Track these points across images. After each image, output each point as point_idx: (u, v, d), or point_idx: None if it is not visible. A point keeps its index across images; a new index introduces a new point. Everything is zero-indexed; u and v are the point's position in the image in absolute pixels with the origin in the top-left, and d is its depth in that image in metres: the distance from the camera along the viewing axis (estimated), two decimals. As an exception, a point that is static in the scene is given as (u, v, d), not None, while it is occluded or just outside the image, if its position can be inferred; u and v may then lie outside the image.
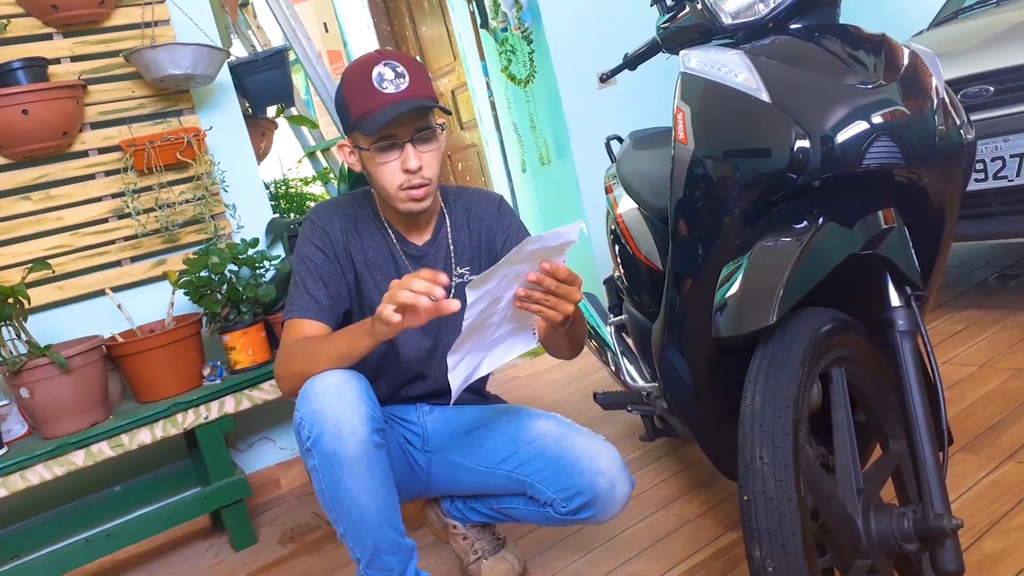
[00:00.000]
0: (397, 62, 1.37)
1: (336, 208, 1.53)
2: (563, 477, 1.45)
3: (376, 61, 1.36)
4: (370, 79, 1.35)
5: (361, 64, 1.38)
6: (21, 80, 2.10)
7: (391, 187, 1.41)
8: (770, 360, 1.09)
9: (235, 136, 2.55)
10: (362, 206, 1.54)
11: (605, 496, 1.43)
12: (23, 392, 1.96)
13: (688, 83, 1.32)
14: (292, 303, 1.46)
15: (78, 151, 2.29)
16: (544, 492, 1.47)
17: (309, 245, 1.49)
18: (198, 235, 2.43)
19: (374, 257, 1.51)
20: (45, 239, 2.25)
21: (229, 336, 2.21)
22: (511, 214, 1.61)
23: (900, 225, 1.20)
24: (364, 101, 1.36)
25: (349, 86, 1.40)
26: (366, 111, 1.35)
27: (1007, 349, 2.25)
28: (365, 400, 1.32)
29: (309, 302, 1.45)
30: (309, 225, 1.51)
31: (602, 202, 2.17)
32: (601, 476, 1.43)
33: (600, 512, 1.45)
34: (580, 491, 1.44)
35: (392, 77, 1.36)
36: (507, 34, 3.41)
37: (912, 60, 1.23)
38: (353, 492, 1.31)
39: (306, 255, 1.48)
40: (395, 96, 1.35)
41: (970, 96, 2.28)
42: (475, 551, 1.69)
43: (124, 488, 2.25)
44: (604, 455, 1.46)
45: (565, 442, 1.48)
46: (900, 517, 1.10)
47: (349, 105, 1.39)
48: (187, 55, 2.22)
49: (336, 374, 1.33)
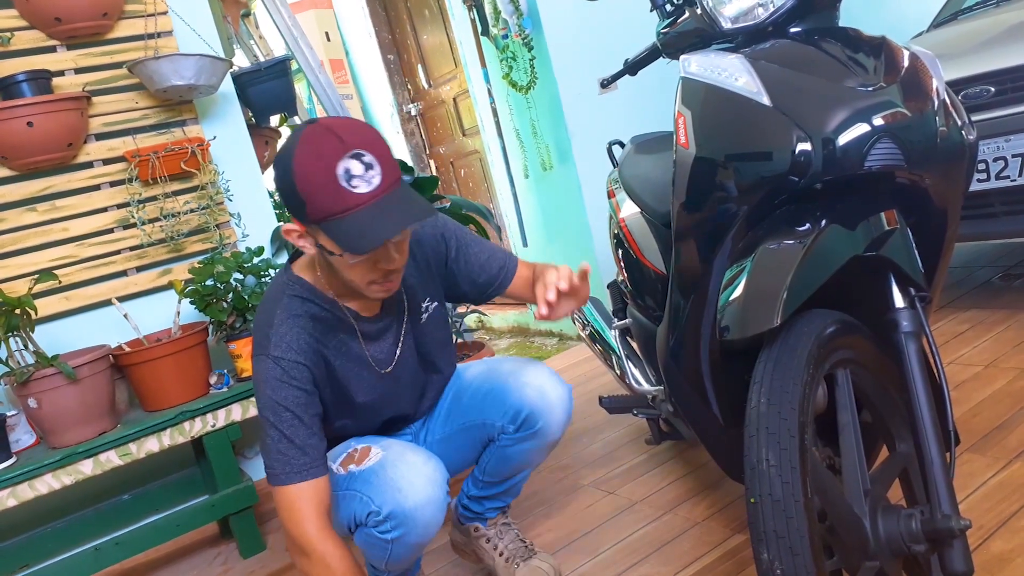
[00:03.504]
0: (362, 150, 1.16)
1: (292, 327, 1.33)
2: (497, 403, 1.52)
3: (338, 154, 1.15)
4: (334, 175, 1.14)
5: (319, 155, 1.15)
6: (26, 92, 2.12)
7: (362, 283, 1.28)
8: (775, 362, 1.10)
9: (239, 145, 2.57)
10: (308, 302, 1.36)
11: (538, 403, 1.50)
12: (31, 402, 1.96)
13: (689, 88, 1.32)
14: (288, 461, 1.29)
15: (83, 162, 2.30)
16: (492, 424, 1.53)
17: (288, 389, 1.30)
18: (203, 244, 2.44)
19: (346, 350, 1.40)
20: (51, 250, 2.26)
21: (235, 344, 2.21)
22: (443, 223, 1.53)
23: (903, 226, 1.21)
24: (331, 201, 1.15)
25: (307, 179, 1.16)
26: (335, 211, 1.16)
27: (1012, 348, 2.25)
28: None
29: (313, 456, 1.31)
30: (275, 365, 1.30)
31: (604, 207, 2.18)
32: (527, 387, 1.50)
33: (545, 423, 1.51)
34: (518, 409, 1.50)
35: (361, 171, 1.15)
36: (508, 41, 3.42)
37: (912, 62, 1.24)
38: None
39: (287, 402, 1.30)
40: (368, 197, 1.16)
41: (971, 97, 2.28)
42: (500, 552, 1.69)
43: (132, 496, 2.26)
44: (528, 369, 1.54)
45: (492, 374, 1.57)
46: (908, 518, 1.10)
47: (306, 199, 1.17)
48: (190, 66, 2.23)
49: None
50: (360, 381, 1.43)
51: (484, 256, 1.55)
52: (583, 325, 2.27)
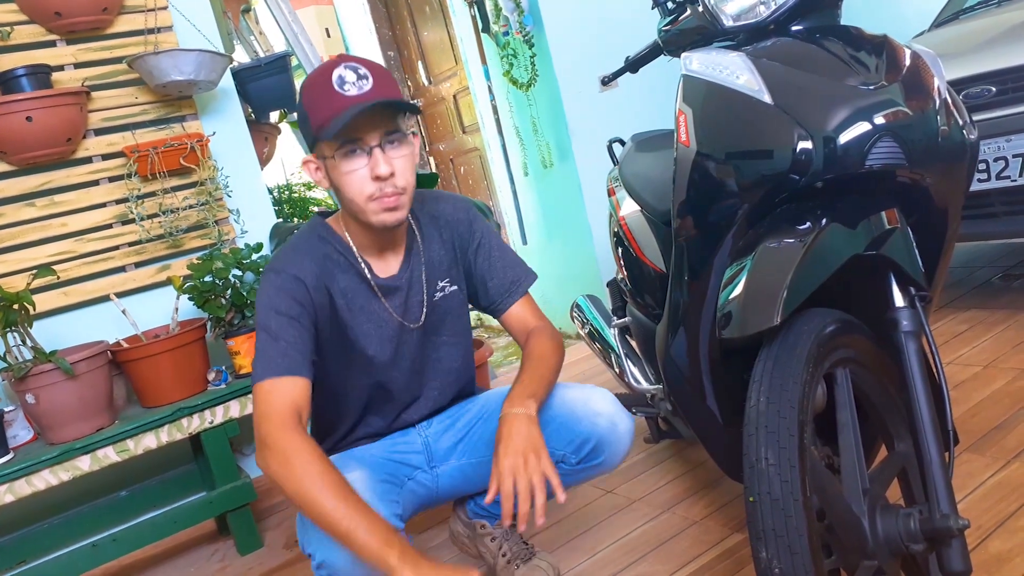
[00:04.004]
0: (359, 64, 1.28)
1: (303, 252, 1.39)
2: (564, 432, 1.46)
3: (335, 65, 1.27)
4: (330, 83, 1.25)
5: (320, 70, 1.28)
6: (25, 87, 2.11)
7: (360, 198, 1.30)
8: (774, 361, 1.09)
9: (238, 141, 2.56)
10: (326, 241, 1.42)
11: (608, 435, 1.45)
12: (29, 398, 1.96)
13: (690, 85, 1.32)
14: (271, 359, 1.28)
15: (82, 157, 2.30)
16: (554, 452, 1.44)
17: (283, 296, 1.33)
18: (202, 240, 2.44)
19: (353, 296, 1.42)
20: (50, 245, 2.26)
21: (233, 341, 2.21)
22: (479, 218, 1.56)
23: (903, 226, 1.20)
24: (324, 106, 1.25)
25: (308, 93, 1.29)
26: (328, 115, 1.25)
27: (1012, 349, 2.25)
28: None
29: (295, 357, 1.30)
30: (276, 276, 1.35)
31: (605, 205, 2.18)
32: (599, 416, 1.46)
33: (610, 454, 1.47)
34: (586, 438, 1.45)
35: (354, 79, 1.25)
36: (509, 38, 3.41)
37: (914, 61, 1.23)
38: None
39: (279, 307, 1.32)
40: (357, 97, 1.24)
41: (972, 96, 2.28)
42: (503, 553, 1.67)
43: (130, 493, 2.25)
44: (596, 398, 1.48)
45: (556, 399, 1.48)
46: (906, 518, 1.10)
47: (309, 113, 1.28)
48: (190, 61, 2.23)
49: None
50: (364, 330, 1.43)
51: (504, 260, 1.54)
52: (582, 323, 2.27)
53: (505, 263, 1.55)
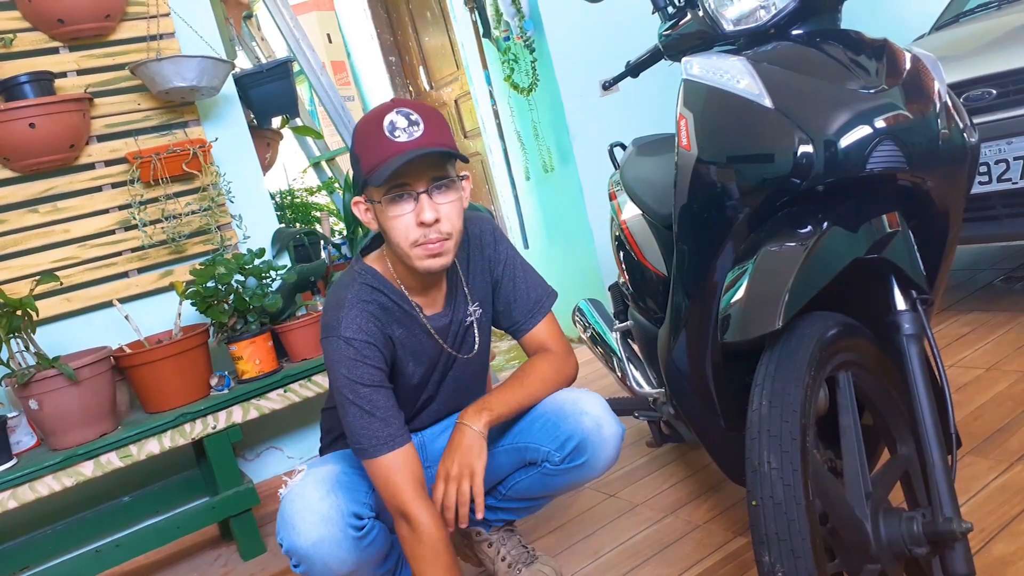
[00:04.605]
0: (411, 110, 1.29)
1: (361, 312, 1.38)
2: (550, 428, 1.48)
3: (388, 110, 1.29)
4: (381, 128, 1.27)
5: (374, 115, 1.31)
6: (28, 94, 2.12)
7: (405, 243, 1.32)
8: (776, 365, 1.09)
9: (240, 147, 2.57)
10: (377, 291, 1.41)
11: (594, 436, 1.46)
12: (32, 404, 1.96)
13: (691, 90, 1.32)
14: (374, 433, 1.33)
15: (85, 164, 2.30)
16: (539, 449, 1.48)
17: (362, 368, 1.34)
18: (204, 246, 2.44)
19: (408, 343, 1.44)
20: (53, 251, 2.26)
21: (236, 346, 2.21)
22: (503, 238, 1.57)
23: (904, 229, 1.20)
24: (375, 151, 1.28)
25: (360, 136, 1.32)
26: (377, 162, 1.27)
27: (1014, 351, 2.25)
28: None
29: (397, 427, 1.35)
30: (347, 345, 1.34)
31: (606, 209, 2.18)
32: (586, 415, 1.46)
33: (593, 456, 1.47)
34: (570, 435, 1.46)
35: (405, 125, 1.28)
36: (510, 43, 3.42)
37: (914, 64, 1.24)
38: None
39: (363, 379, 1.34)
40: (407, 144, 1.26)
41: (973, 99, 2.28)
42: (503, 558, 1.67)
43: (133, 498, 2.25)
44: (586, 399, 1.49)
45: (546, 399, 1.51)
46: (909, 521, 1.09)
47: (360, 157, 1.31)
48: (192, 67, 2.23)
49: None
50: (407, 360, 1.45)
51: (528, 281, 1.55)
52: (584, 327, 2.27)
53: (529, 284, 1.56)
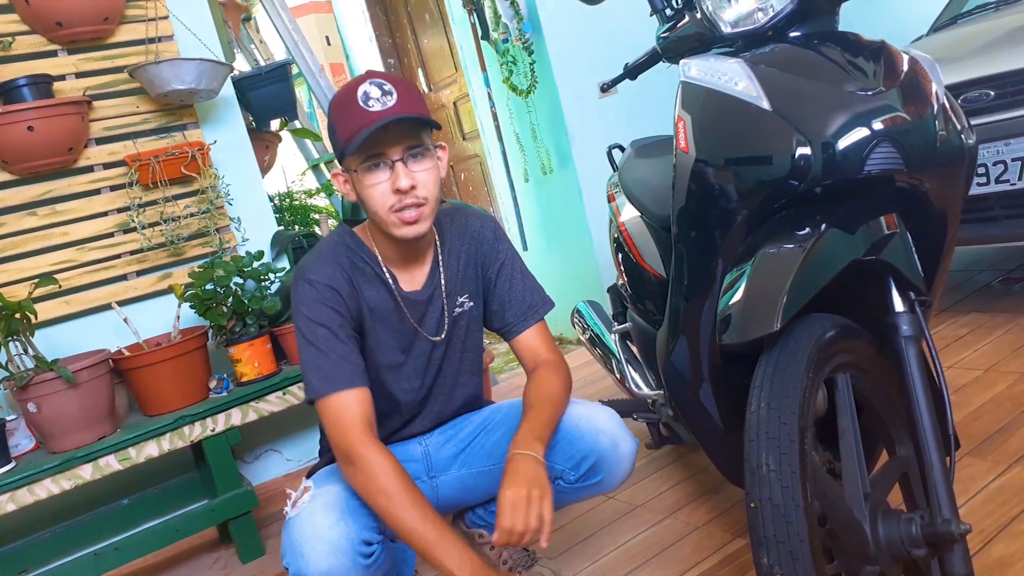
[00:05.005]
0: (384, 80, 1.31)
1: (332, 261, 1.40)
2: (565, 446, 1.45)
3: (362, 81, 1.31)
4: (355, 99, 1.29)
5: (348, 85, 1.32)
6: (26, 97, 2.12)
7: (382, 210, 1.33)
8: (775, 367, 1.10)
9: (239, 150, 2.57)
10: (353, 251, 1.43)
11: (610, 454, 1.44)
12: (30, 407, 1.96)
13: (689, 92, 1.32)
14: (326, 373, 1.31)
15: (83, 166, 2.30)
16: (552, 467, 1.43)
17: (322, 308, 1.35)
18: (203, 248, 2.44)
19: (377, 307, 1.43)
20: (51, 254, 2.26)
21: (235, 348, 2.21)
22: (505, 239, 1.57)
23: (902, 230, 1.21)
24: (349, 121, 1.29)
25: (335, 108, 1.33)
26: (352, 131, 1.29)
27: (1012, 353, 2.25)
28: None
29: (351, 369, 1.33)
30: (309, 286, 1.36)
31: (604, 211, 2.18)
32: (602, 434, 1.44)
33: (609, 474, 1.45)
34: (585, 454, 1.43)
35: (378, 95, 1.29)
36: (508, 45, 3.42)
37: (912, 66, 1.24)
38: None
39: (322, 319, 1.34)
40: (381, 113, 1.28)
41: (971, 101, 2.28)
42: (504, 561, 1.67)
43: (132, 501, 2.25)
44: (601, 415, 1.47)
45: None
46: (908, 522, 1.10)
47: (336, 127, 1.33)
48: (191, 70, 2.24)
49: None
50: (382, 339, 1.44)
51: (525, 285, 1.54)
52: (583, 329, 2.27)
53: (526, 288, 1.54)
